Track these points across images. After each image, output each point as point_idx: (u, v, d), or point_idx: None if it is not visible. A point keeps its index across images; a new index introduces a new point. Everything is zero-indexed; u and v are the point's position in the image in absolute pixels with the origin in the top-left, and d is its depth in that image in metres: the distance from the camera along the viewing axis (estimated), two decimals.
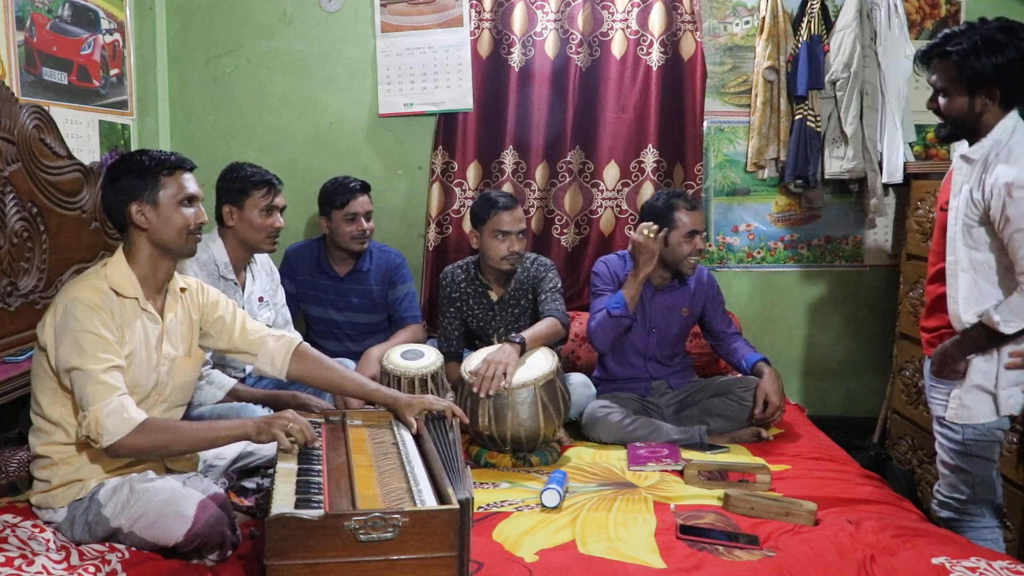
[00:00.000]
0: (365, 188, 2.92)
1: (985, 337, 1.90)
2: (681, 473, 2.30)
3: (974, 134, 1.97)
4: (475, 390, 2.33)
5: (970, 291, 1.93)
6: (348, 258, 2.96)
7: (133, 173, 1.78)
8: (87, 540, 1.69)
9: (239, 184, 2.46)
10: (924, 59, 2.02)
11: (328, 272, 2.97)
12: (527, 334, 2.49)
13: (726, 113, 3.34)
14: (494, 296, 2.83)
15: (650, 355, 2.80)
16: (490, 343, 2.68)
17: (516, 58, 3.19)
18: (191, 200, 1.82)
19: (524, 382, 2.34)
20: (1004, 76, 1.89)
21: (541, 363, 2.43)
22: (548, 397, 2.35)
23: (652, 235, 2.61)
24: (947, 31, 1.98)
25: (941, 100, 1.99)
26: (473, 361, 2.46)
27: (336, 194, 2.86)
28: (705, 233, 2.75)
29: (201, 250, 2.38)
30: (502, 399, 2.33)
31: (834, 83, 3.17)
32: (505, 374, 2.33)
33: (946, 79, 1.95)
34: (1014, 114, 1.95)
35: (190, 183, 1.83)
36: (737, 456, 2.47)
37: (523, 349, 2.45)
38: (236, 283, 2.49)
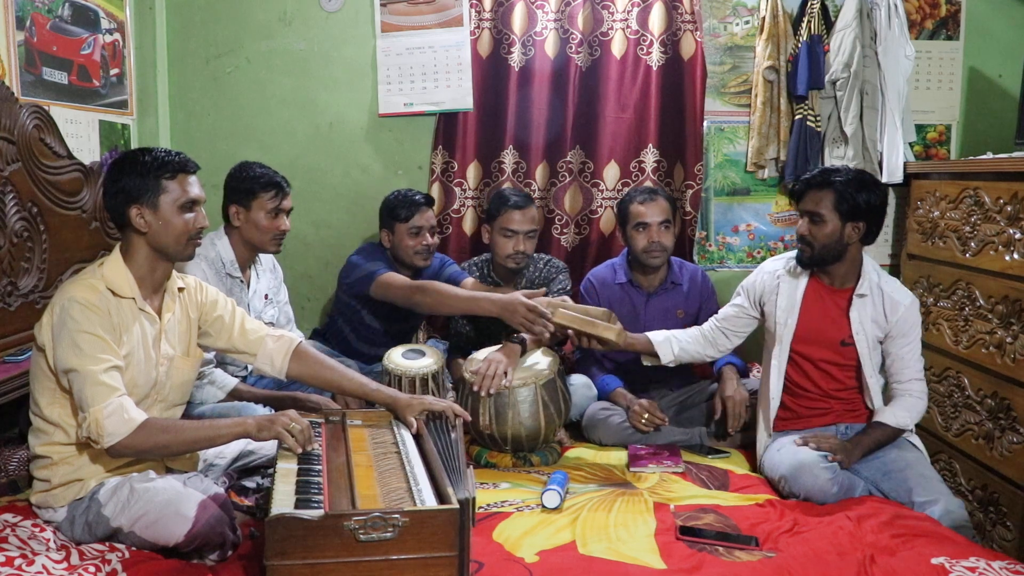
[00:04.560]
0: (429, 202, 2.84)
1: (893, 437, 2.25)
2: (682, 474, 2.31)
3: (833, 262, 2.25)
4: (475, 388, 2.34)
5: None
6: (409, 274, 2.83)
7: (135, 173, 1.75)
8: (87, 540, 1.69)
9: (247, 185, 2.43)
10: (803, 189, 2.26)
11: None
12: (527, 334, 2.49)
13: (726, 113, 3.34)
14: None
15: None
16: (498, 342, 2.69)
17: (516, 58, 3.19)
18: (192, 204, 1.80)
19: (525, 381, 2.34)
20: (873, 214, 2.20)
21: (542, 362, 2.44)
22: (549, 396, 2.35)
23: (649, 421, 2.52)
24: (823, 169, 2.28)
25: (812, 226, 2.22)
26: (475, 360, 2.46)
27: (400, 207, 2.76)
28: (668, 224, 2.69)
29: (207, 248, 2.38)
30: (503, 398, 2.33)
31: (834, 83, 3.17)
32: (506, 373, 2.33)
33: (824, 206, 2.19)
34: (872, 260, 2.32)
35: (192, 187, 1.80)
36: (738, 460, 2.47)
37: (523, 349, 2.46)
38: (242, 281, 2.49)
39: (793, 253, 2.38)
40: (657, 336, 2.45)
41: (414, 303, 2.61)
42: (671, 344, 2.44)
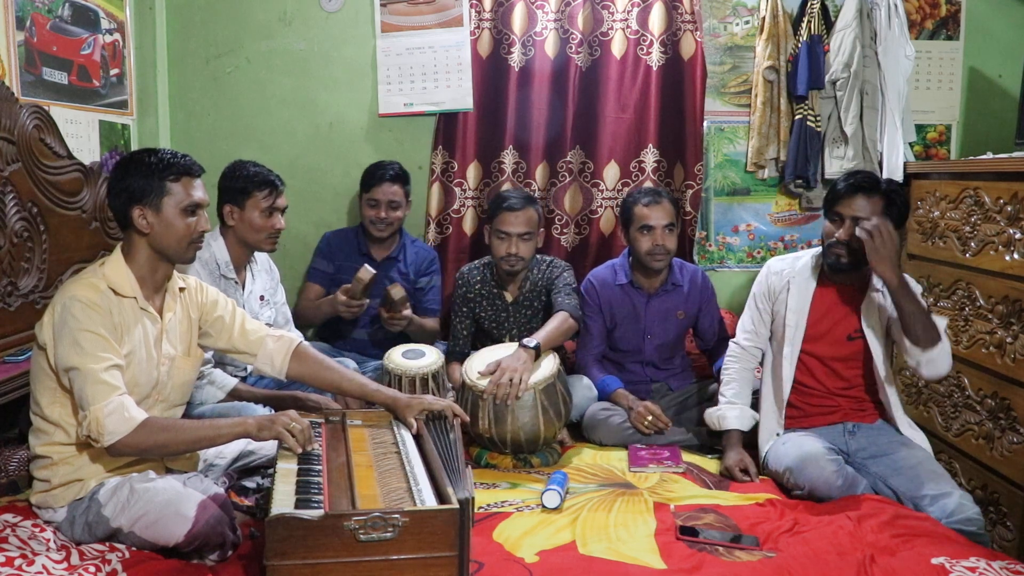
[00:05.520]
0: (398, 177, 2.94)
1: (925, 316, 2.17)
2: (682, 474, 2.31)
3: (863, 267, 2.24)
4: (486, 396, 2.32)
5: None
6: (380, 246, 3.01)
7: (139, 174, 1.75)
8: (87, 540, 1.69)
9: (241, 184, 2.44)
10: (848, 192, 2.24)
11: (368, 255, 3.01)
12: (541, 337, 2.46)
13: (726, 113, 3.34)
14: (509, 297, 2.83)
15: (648, 361, 2.79)
16: (501, 343, 2.68)
17: (516, 58, 3.19)
18: (195, 208, 1.80)
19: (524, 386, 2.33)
20: (905, 220, 2.28)
21: (542, 366, 2.43)
22: (548, 400, 2.35)
23: (652, 424, 2.54)
24: (858, 172, 2.28)
25: (858, 231, 2.19)
26: (475, 363, 2.45)
27: (367, 176, 2.95)
28: (672, 227, 2.68)
29: (203, 248, 2.38)
30: (502, 402, 2.32)
31: (834, 83, 3.17)
32: (521, 381, 2.31)
33: (876, 212, 2.19)
34: None
35: (196, 190, 1.81)
36: None
37: (538, 354, 2.43)
38: (237, 282, 2.49)
39: (801, 253, 2.41)
40: (738, 419, 2.41)
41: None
42: (743, 411, 2.43)
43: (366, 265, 2.71)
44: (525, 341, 2.44)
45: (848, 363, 2.34)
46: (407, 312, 2.76)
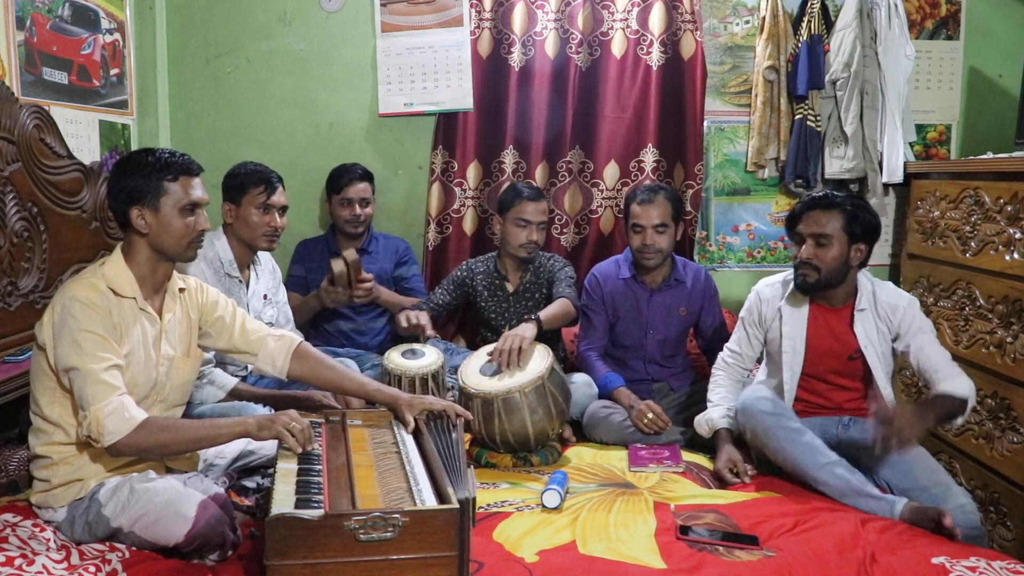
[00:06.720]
0: (365, 176, 3.03)
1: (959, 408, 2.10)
2: (683, 474, 2.31)
3: (837, 286, 2.26)
4: (493, 364, 2.42)
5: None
6: (351, 243, 3.06)
7: (137, 174, 1.75)
8: (87, 540, 1.69)
9: (238, 181, 2.49)
10: (804, 211, 2.24)
11: (338, 253, 3.03)
12: (543, 314, 2.58)
13: (726, 113, 3.34)
14: (510, 287, 2.91)
15: (649, 358, 2.80)
16: (501, 333, 2.70)
17: (516, 58, 3.19)
18: (194, 207, 1.80)
19: (509, 388, 2.32)
20: (875, 236, 2.24)
21: (530, 368, 2.41)
22: (538, 401, 2.33)
23: (652, 423, 2.55)
24: (825, 191, 2.32)
25: (819, 249, 2.21)
26: (469, 365, 2.46)
27: (336, 178, 3.02)
28: (664, 227, 2.67)
29: (207, 248, 2.39)
30: (490, 405, 2.32)
31: (834, 83, 3.17)
32: (522, 348, 2.40)
33: (832, 227, 2.20)
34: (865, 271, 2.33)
35: (194, 189, 1.81)
36: None
37: (539, 326, 2.52)
38: (241, 280, 2.50)
39: (788, 274, 2.39)
40: (725, 419, 2.41)
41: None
42: (727, 412, 2.43)
43: (348, 251, 2.75)
44: (528, 316, 2.59)
45: (852, 379, 2.34)
46: (369, 277, 2.74)
